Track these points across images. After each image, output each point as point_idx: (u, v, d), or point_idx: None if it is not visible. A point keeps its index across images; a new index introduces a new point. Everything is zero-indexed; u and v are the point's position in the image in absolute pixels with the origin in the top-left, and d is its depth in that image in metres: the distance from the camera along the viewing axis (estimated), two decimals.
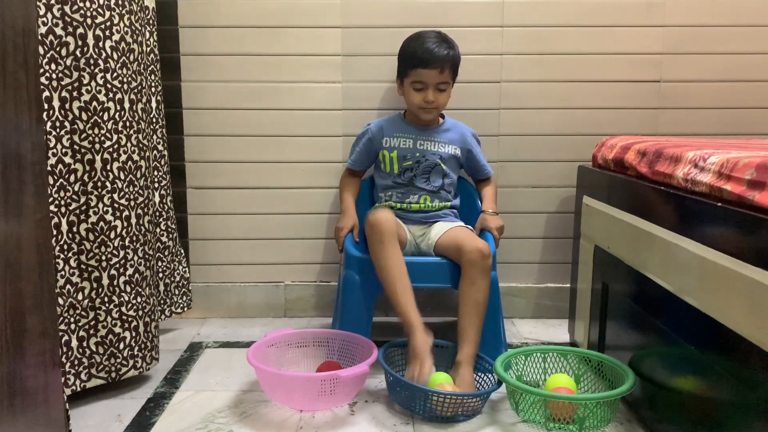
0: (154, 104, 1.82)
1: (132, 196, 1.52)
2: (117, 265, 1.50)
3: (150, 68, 1.79)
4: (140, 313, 1.55)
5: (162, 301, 1.91)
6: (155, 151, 1.84)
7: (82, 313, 1.46)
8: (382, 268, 1.59)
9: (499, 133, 2.04)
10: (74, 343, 1.45)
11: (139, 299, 1.55)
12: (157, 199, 1.86)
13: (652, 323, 1.34)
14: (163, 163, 1.87)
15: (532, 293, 2.12)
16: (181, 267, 1.97)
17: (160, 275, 1.88)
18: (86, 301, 1.47)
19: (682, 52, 2.00)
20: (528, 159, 2.06)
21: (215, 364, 1.75)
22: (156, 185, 1.85)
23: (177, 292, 1.96)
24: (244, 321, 2.09)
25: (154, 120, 1.83)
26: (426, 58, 1.72)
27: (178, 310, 1.97)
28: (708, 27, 1.99)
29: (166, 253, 1.90)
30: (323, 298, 2.11)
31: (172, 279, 1.93)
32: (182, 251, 1.99)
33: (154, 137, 1.83)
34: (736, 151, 1.23)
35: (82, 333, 1.47)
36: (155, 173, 1.84)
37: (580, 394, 1.53)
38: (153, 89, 1.81)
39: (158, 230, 1.87)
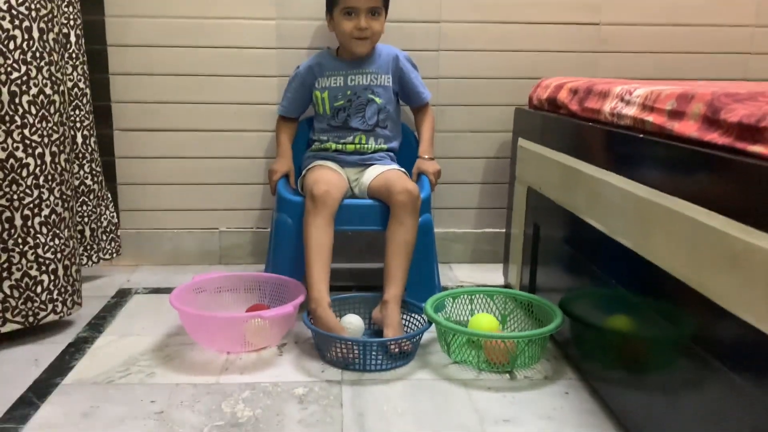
0: (73, 38, 1.72)
1: (45, 132, 1.44)
2: (31, 205, 1.42)
3: None
4: (59, 255, 1.49)
5: (89, 247, 1.84)
6: (76, 89, 1.74)
7: None
8: (306, 235, 1.54)
9: (438, 75, 2.00)
10: None
11: (57, 241, 1.48)
12: (79, 139, 1.77)
13: (580, 263, 1.35)
14: (85, 101, 1.78)
15: (470, 238, 2.11)
16: (108, 212, 1.89)
17: (86, 220, 1.81)
18: None
19: None
20: (467, 103, 2.03)
21: (143, 310, 1.70)
22: (78, 125, 1.76)
23: (105, 238, 1.89)
24: (177, 268, 2.03)
25: (74, 55, 1.73)
26: None
27: (107, 257, 1.90)
28: None
29: (92, 197, 1.82)
30: (260, 245, 2.07)
31: (99, 224, 1.86)
32: (109, 195, 1.91)
33: (74, 73, 1.73)
34: (665, 86, 1.21)
35: None
36: (77, 112, 1.75)
37: (511, 333, 1.54)
38: (72, 22, 1.71)
39: (82, 173, 1.78)
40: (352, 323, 1.46)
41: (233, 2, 1.91)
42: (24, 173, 1.40)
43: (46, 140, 1.44)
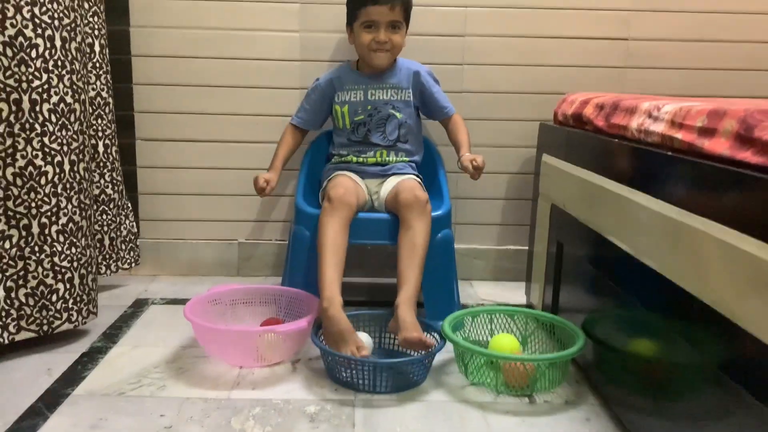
0: (97, 48, 1.72)
1: (65, 141, 1.44)
2: (48, 213, 1.42)
3: (93, 9, 1.69)
4: (75, 264, 1.48)
5: (108, 256, 1.84)
6: (99, 98, 1.75)
7: (10, 262, 1.39)
8: (321, 235, 1.52)
9: (462, 89, 1.97)
10: (0, 293, 1.38)
11: (73, 250, 1.47)
12: (101, 148, 1.77)
13: (604, 284, 1.30)
14: (107, 111, 1.78)
15: (491, 255, 2.07)
16: (128, 221, 1.89)
17: (105, 228, 1.81)
18: (14, 249, 1.39)
19: (651, 9, 1.94)
20: (491, 117, 1.99)
21: (158, 320, 1.69)
22: (100, 134, 1.76)
23: (124, 247, 1.88)
24: (195, 279, 2.02)
25: (98, 65, 1.73)
26: None
27: (125, 266, 1.90)
28: None
29: (111, 206, 1.82)
30: (279, 257, 2.05)
31: (119, 233, 1.85)
32: (129, 205, 1.91)
33: (98, 83, 1.74)
34: (695, 102, 1.17)
35: (9, 283, 1.39)
36: (99, 121, 1.75)
37: (531, 355, 1.49)
38: (96, 32, 1.72)
39: (102, 182, 1.78)
40: (362, 341, 1.42)
41: (258, 14, 1.91)
42: (42, 181, 1.40)
43: (65, 148, 1.44)
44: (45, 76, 1.38)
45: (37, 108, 1.38)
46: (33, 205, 1.40)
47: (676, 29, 1.95)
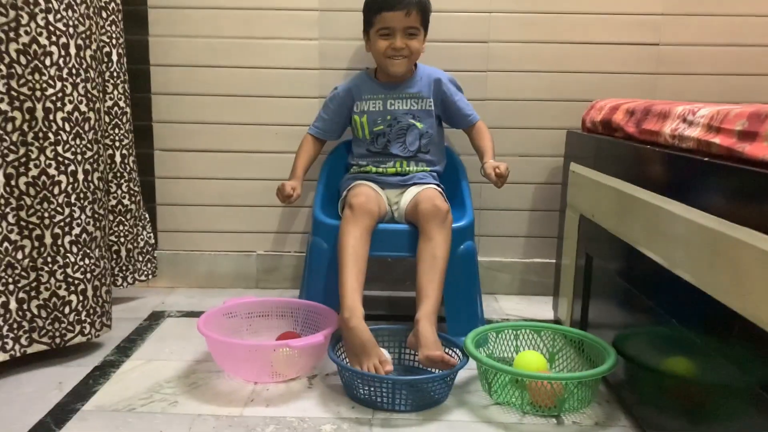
0: (115, 57, 1.71)
1: (79, 150, 1.41)
2: (62, 224, 1.39)
3: (110, 17, 1.67)
4: (88, 276, 1.45)
5: (124, 267, 1.81)
6: (116, 108, 1.73)
7: (22, 273, 1.36)
8: (342, 243, 1.47)
9: (485, 97, 1.92)
10: (13, 305, 1.35)
11: (87, 261, 1.44)
12: (118, 158, 1.75)
13: (637, 299, 1.23)
14: (125, 120, 1.76)
15: (517, 268, 2.00)
16: (145, 232, 1.87)
17: (122, 240, 1.78)
18: (27, 260, 1.37)
19: (682, 14, 1.87)
20: (516, 126, 1.93)
21: (174, 333, 1.65)
22: (117, 144, 1.74)
23: (141, 259, 1.86)
24: (212, 291, 1.99)
25: (115, 74, 1.71)
26: (389, 0, 1.59)
27: (142, 278, 1.87)
28: None
29: (128, 216, 1.79)
30: (297, 269, 2.00)
31: (135, 245, 1.83)
32: (146, 216, 1.88)
33: (115, 92, 1.72)
34: (732, 106, 1.10)
35: (21, 295, 1.37)
36: (116, 131, 1.73)
37: (559, 373, 1.42)
38: (114, 41, 1.70)
39: (120, 192, 1.76)
40: (385, 354, 1.36)
41: (276, 22, 1.88)
42: (56, 191, 1.38)
43: (79, 158, 1.41)
44: (59, 84, 1.36)
45: (51, 116, 1.36)
46: (46, 215, 1.37)
47: (709, 34, 1.87)
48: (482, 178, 1.64)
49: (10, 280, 1.35)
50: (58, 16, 1.35)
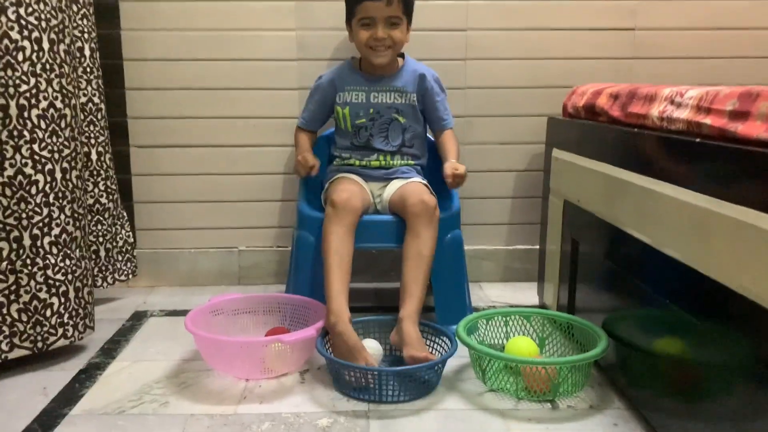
0: (87, 52, 1.66)
1: (56, 148, 1.37)
2: (40, 224, 1.35)
3: (81, 11, 1.62)
4: (69, 277, 1.41)
5: (104, 268, 1.77)
6: (90, 104, 1.68)
7: (1, 276, 1.32)
8: (326, 244, 1.45)
9: (465, 85, 1.91)
10: None
11: (68, 262, 1.40)
12: (94, 156, 1.70)
13: (626, 280, 1.24)
14: (99, 117, 1.71)
15: (500, 256, 2.01)
16: (124, 231, 1.82)
17: (101, 239, 1.74)
18: (5, 263, 1.32)
19: None
20: (497, 113, 1.93)
21: (158, 333, 1.62)
22: (92, 141, 1.70)
23: (120, 258, 1.81)
24: (195, 289, 1.95)
25: (88, 70, 1.67)
26: None
27: (122, 278, 1.83)
28: None
29: (106, 215, 1.75)
30: (281, 264, 1.98)
31: (114, 244, 1.79)
32: (124, 214, 1.84)
33: (89, 88, 1.67)
34: (720, 87, 1.11)
35: (1, 298, 1.32)
36: (91, 128, 1.69)
37: (553, 358, 1.43)
38: (86, 35, 1.65)
39: (97, 191, 1.72)
40: (371, 348, 1.35)
41: (252, 13, 1.85)
42: (33, 190, 1.34)
43: (56, 156, 1.37)
44: (33, 80, 1.32)
45: (26, 114, 1.31)
46: (24, 216, 1.33)
47: (685, 17, 1.89)
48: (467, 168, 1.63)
49: None
50: (30, 9, 1.30)
